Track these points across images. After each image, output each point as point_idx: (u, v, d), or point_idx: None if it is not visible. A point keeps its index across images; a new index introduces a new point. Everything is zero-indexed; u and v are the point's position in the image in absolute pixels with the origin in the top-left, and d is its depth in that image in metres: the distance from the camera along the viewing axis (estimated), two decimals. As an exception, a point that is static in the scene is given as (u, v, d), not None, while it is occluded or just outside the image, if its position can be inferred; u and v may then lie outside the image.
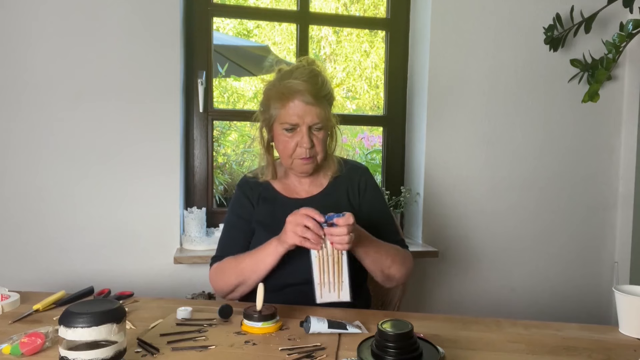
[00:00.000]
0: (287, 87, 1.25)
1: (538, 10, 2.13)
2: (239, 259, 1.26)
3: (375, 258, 1.24)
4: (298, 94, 1.24)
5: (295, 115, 1.25)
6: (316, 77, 1.26)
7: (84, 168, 1.89)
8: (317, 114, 1.25)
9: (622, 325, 1.11)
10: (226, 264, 1.29)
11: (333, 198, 1.35)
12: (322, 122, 1.27)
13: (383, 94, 2.33)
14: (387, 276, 1.29)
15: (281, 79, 1.28)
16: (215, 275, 1.31)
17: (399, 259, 1.29)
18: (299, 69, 1.28)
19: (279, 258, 1.19)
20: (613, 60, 1.82)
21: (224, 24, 5.30)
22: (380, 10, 4.87)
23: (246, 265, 1.24)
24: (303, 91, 1.23)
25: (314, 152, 1.29)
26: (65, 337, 0.80)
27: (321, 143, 1.29)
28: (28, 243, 1.87)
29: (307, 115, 1.25)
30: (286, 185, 1.40)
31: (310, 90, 1.24)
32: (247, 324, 1.05)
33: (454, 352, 0.96)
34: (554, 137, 2.21)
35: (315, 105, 1.25)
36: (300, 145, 1.27)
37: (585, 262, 2.28)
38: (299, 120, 1.25)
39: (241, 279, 1.24)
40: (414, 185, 2.21)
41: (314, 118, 1.25)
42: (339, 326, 1.04)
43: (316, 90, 1.25)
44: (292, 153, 1.29)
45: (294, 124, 1.26)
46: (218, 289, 1.31)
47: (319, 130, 1.28)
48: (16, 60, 1.84)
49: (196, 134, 2.10)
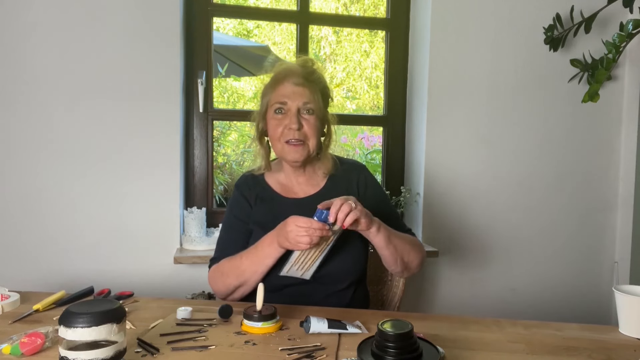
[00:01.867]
0: (279, 70, 1.32)
1: (538, 10, 2.13)
2: (238, 261, 1.26)
3: (396, 243, 1.25)
4: (288, 75, 1.29)
5: (284, 95, 1.28)
6: (308, 62, 1.32)
7: (84, 168, 1.89)
8: (306, 95, 1.28)
9: (622, 325, 1.11)
10: (225, 265, 1.29)
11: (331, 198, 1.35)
12: (311, 102, 1.28)
13: (383, 94, 2.33)
14: (406, 264, 1.29)
15: (277, 69, 1.34)
16: (215, 277, 1.31)
17: (416, 245, 1.32)
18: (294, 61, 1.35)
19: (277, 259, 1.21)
20: (613, 60, 1.82)
21: (224, 24, 5.30)
22: (380, 10, 4.86)
23: (246, 267, 1.24)
24: (293, 72, 1.29)
25: (302, 134, 1.29)
26: (65, 337, 0.80)
27: (312, 127, 1.29)
28: (28, 243, 1.87)
29: (296, 96, 1.28)
30: (283, 184, 1.40)
31: (301, 72, 1.29)
32: (247, 324, 1.05)
33: (454, 352, 0.96)
34: (553, 137, 2.21)
35: (304, 86, 1.28)
36: (289, 126, 1.28)
37: (585, 262, 2.27)
38: (287, 99, 1.28)
39: (242, 280, 1.25)
40: (414, 185, 2.21)
41: (302, 98, 1.28)
42: (339, 326, 1.04)
43: (306, 72, 1.29)
44: (280, 136, 1.30)
45: (282, 102, 1.28)
46: (218, 291, 1.31)
47: (309, 114, 1.29)
48: (16, 61, 1.84)
49: (196, 134, 2.10)
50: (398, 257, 1.26)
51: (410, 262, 1.30)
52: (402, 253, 1.27)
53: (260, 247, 1.23)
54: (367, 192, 1.39)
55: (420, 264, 1.33)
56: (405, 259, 1.28)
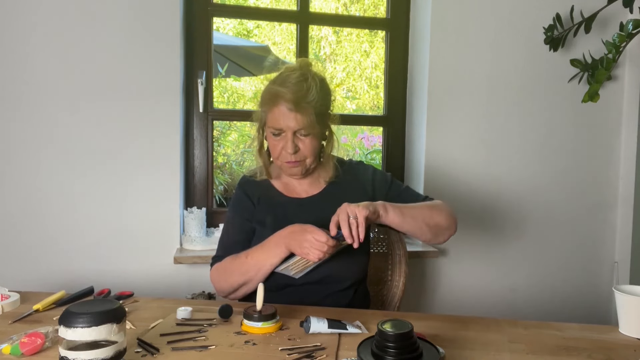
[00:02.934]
0: (273, 92, 1.26)
1: (538, 10, 2.13)
2: (242, 259, 1.26)
3: (413, 214, 1.23)
4: (282, 99, 1.24)
5: (279, 121, 1.25)
6: (302, 83, 1.24)
7: (84, 168, 1.89)
8: (299, 121, 1.24)
9: (622, 325, 1.11)
10: (229, 263, 1.29)
11: (334, 198, 1.34)
12: (305, 128, 1.25)
13: (383, 94, 2.33)
14: (434, 228, 1.26)
15: (274, 82, 1.28)
16: (218, 275, 1.31)
17: (436, 206, 1.29)
18: (290, 75, 1.27)
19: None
20: (613, 60, 1.82)
21: (224, 24, 5.30)
22: (380, 10, 4.86)
23: (251, 266, 1.24)
24: (286, 98, 1.23)
25: (300, 156, 1.29)
26: (65, 337, 0.80)
27: (309, 148, 1.28)
28: (28, 243, 1.87)
29: (290, 121, 1.24)
30: (286, 184, 1.40)
31: (292, 97, 1.23)
32: (247, 324, 1.05)
33: (454, 352, 0.96)
34: (553, 137, 2.21)
35: (297, 112, 1.23)
36: (285, 149, 1.27)
37: (585, 262, 2.27)
38: (282, 125, 1.25)
39: (246, 278, 1.25)
40: (414, 185, 2.21)
41: (296, 124, 1.24)
42: (339, 326, 1.04)
43: (299, 97, 1.23)
44: (279, 156, 1.30)
45: (278, 128, 1.26)
46: (220, 289, 1.31)
47: (305, 136, 1.27)
48: (16, 61, 1.83)
49: (196, 134, 2.10)
50: (422, 226, 1.24)
51: (439, 224, 1.26)
52: (423, 220, 1.24)
53: (267, 246, 1.23)
54: (374, 185, 1.38)
55: (449, 222, 1.28)
56: (430, 223, 1.25)
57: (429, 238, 1.29)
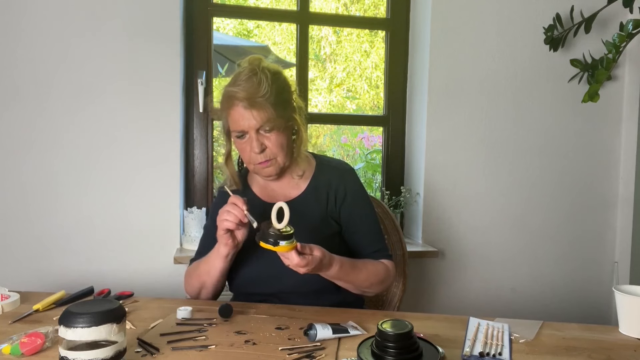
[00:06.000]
0: (226, 94, 1.22)
1: (538, 10, 2.13)
2: (198, 264, 1.30)
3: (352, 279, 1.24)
4: (235, 99, 1.20)
5: (238, 122, 1.22)
6: (252, 78, 1.20)
7: (83, 168, 1.89)
8: (257, 117, 1.20)
9: (622, 325, 1.11)
10: (191, 268, 1.33)
11: (311, 206, 1.32)
12: (266, 124, 1.21)
13: (383, 94, 2.33)
14: (363, 293, 1.32)
15: (227, 84, 1.24)
16: (185, 279, 1.35)
17: (377, 279, 1.28)
18: (240, 73, 1.23)
19: (226, 260, 1.22)
20: (613, 60, 1.82)
21: (224, 24, 5.30)
22: (380, 10, 4.86)
23: (202, 270, 1.27)
24: (238, 97, 1.19)
25: (269, 154, 1.24)
26: (65, 337, 0.80)
27: (275, 144, 1.24)
28: (28, 243, 1.87)
29: (249, 120, 1.20)
30: (264, 189, 1.37)
31: (245, 95, 1.19)
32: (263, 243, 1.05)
33: (454, 352, 0.96)
34: (553, 137, 2.21)
35: (252, 108, 1.19)
36: (252, 150, 1.23)
37: (585, 262, 2.27)
38: (243, 125, 1.22)
39: (201, 281, 1.28)
40: (414, 185, 2.21)
41: (255, 122, 1.20)
42: (342, 330, 1.04)
43: (251, 93, 1.18)
44: (249, 159, 1.26)
45: (240, 130, 1.23)
46: (187, 292, 1.35)
47: (269, 132, 1.22)
48: (15, 60, 1.83)
49: (196, 134, 2.10)
50: (351, 289, 1.28)
51: (368, 293, 1.32)
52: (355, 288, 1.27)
53: (214, 250, 1.24)
54: (345, 201, 1.33)
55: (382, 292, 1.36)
56: (361, 291, 1.29)
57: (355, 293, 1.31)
